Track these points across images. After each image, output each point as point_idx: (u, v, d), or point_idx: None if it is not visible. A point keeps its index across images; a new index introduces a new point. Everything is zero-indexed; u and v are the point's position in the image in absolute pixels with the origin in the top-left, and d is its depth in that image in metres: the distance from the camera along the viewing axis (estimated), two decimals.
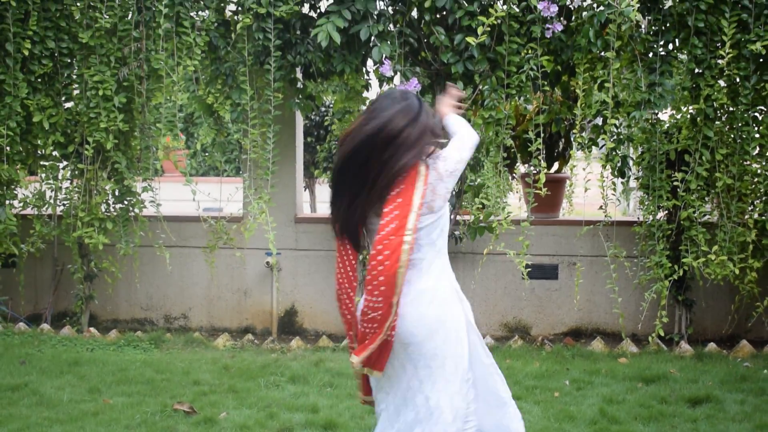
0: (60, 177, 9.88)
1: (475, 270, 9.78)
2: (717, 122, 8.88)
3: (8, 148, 9.43)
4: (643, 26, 8.83)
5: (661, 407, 7.32)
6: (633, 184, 9.95)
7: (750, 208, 9.03)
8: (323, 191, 14.88)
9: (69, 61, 9.57)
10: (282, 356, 9.05)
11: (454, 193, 9.69)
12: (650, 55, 8.78)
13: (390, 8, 9.17)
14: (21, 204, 9.93)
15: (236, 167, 15.49)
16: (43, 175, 9.84)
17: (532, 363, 8.63)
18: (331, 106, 12.77)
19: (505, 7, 8.75)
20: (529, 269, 9.21)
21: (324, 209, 14.38)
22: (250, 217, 9.52)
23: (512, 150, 9.66)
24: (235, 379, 8.20)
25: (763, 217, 8.94)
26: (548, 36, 8.72)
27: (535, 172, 9.21)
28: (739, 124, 8.78)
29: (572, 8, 8.85)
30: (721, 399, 7.49)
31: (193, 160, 9.87)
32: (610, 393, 7.66)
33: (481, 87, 8.98)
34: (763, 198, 9.00)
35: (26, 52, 9.25)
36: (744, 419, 7.05)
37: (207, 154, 16.47)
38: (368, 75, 9.94)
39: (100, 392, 7.81)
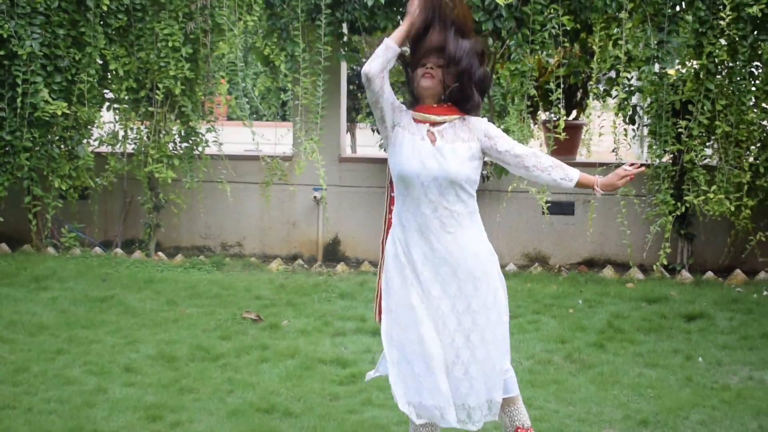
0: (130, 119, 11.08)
1: (500, 206, 10.92)
2: (718, 76, 9.92)
3: (87, 93, 10.64)
4: None
5: (661, 321, 8.53)
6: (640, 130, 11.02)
7: (746, 153, 10.08)
8: (363, 135, 16.01)
9: (141, 15, 10.69)
10: (330, 278, 10.27)
11: None
12: (659, 15, 9.86)
13: None
14: (96, 142, 11.18)
15: (275, 112, 16.64)
16: (117, 117, 11.06)
17: (550, 286, 9.82)
18: None
19: None
20: (549, 205, 10.34)
21: (364, 151, 15.53)
22: (301, 155, 10.70)
23: (535, 99, 10.76)
24: (291, 295, 9.45)
25: (757, 161, 10.04)
26: None
27: (555, 119, 10.32)
28: (737, 78, 9.85)
29: None
30: (713, 316, 8.69)
31: (236, 105, 11.01)
32: (617, 310, 8.86)
33: (508, 42, 10.10)
34: (758, 144, 10.11)
35: (105, 7, 10.44)
36: (731, 332, 8.26)
37: (247, 100, 17.52)
38: None
39: (176, 304, 9.08)
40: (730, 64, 9.94)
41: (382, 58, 4.74)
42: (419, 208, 4.81)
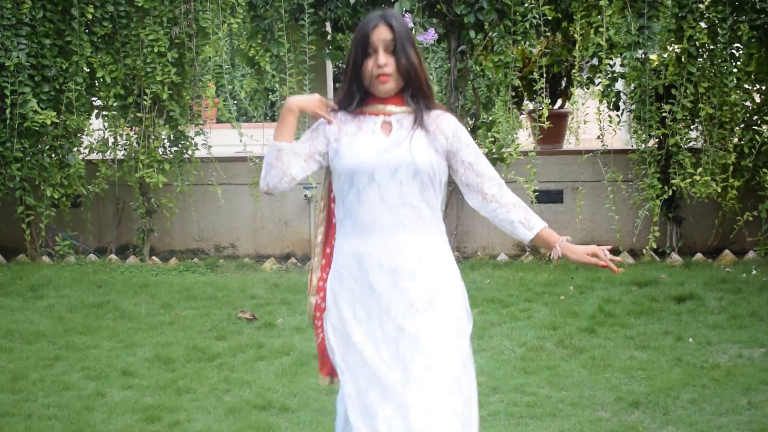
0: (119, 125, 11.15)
1: None
2: (699, 59, 10.02)
3: (75, 101, 10.71)
4: None
5: (651, 304, 8.63)
6: (626, 116, 11.09)
7: (730, 134, 10.18)
8: None
9: (126, 22, 10.74)
10: None
11: (469, 128, 10.91)
12: (639, 2, 9.94)
13: None
14: (87, 150, 11.26)
15: (263, 113, 16.76)
16: (106, 124, 11.14)
17: (542, 274, 9.91)
18: None
19: None
20: (537, 194, 10.42)
21: None
22: None
23: (519, 89, 10.86)
24: (285, 293, 9.54)
25: (742, 142, 10.15)
26: None
27: (539, 108, 10.41)
28: (719, 61, 9.96)
29: None
30: (703, 297, 8.79)
31: (224, 107, 11.17)
32: (607, 295, 8.95)
33: (490, 34, 10.18)
34: (741, 125, 10.22)
35: (89, 16, 10.47)
36: (721, 312, 8.38)
37: (235, 102, 17.58)
38: None
39: (171, 307, 9.16)
40: (711, 47, 10.03)
41: (277, 166, 4.07)
42: (374, 218, 3.94)
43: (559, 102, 11.96)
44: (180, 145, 11.10)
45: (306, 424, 6.13)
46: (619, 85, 10.73)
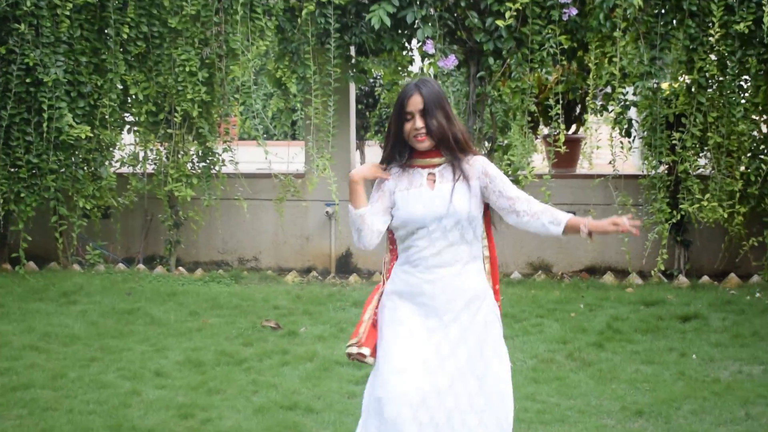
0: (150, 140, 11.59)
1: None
2: (709, 90, 10.40)
3: (109, 117, 11.17)
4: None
5: (657, 323, 9.04)
6: (637, 143, 11.47)
7: (737, 162, 10.54)
8: (372, 152, 16.51)
9: (159, 42, 11.19)
10: (343, 288, 10.79)
11: (485, 152, 11.32)
12: (651, 33, 10.37)
13: None
14: (118, 164, 11.72)
15: (284, 132, 17.18)
16: (137, 139, 11.59)
17: (553, 292, 10.31)
18: (379, 78, 14.43)
19: None
20: None
21: None
22: (314, 172, 11.21)
23: (535, 115, 11.27)
24: (307, 304, 9.97)
25: (748, 170, 10.51)
26: (565, 19, 10.28)
27: (555, 133, 10.82)
28: (727, 92, 10.31)
29: None
30: (707, 317, 9.20)
31: (246, 125, 11.60)
32: (616, 313, 9.36)
33: (508, 62, 10.60)
34: (748, 153, 10.58)
35: (124, 35, 10.91)
36: (724, 331, 8.79)
37: (257, 120, 17.96)
38: (412, 52, 11.57)
39: (198, 314, 9.60)
40: (720, 79, 10.39)
41: (365, 229, 4.71)
42: (421, 255, 4.67)
43: (573, 127, 12.38)
44: (208, 161, 11.53)
45: (330, 424, 6.55)
46: (632, 112, 11.11)
